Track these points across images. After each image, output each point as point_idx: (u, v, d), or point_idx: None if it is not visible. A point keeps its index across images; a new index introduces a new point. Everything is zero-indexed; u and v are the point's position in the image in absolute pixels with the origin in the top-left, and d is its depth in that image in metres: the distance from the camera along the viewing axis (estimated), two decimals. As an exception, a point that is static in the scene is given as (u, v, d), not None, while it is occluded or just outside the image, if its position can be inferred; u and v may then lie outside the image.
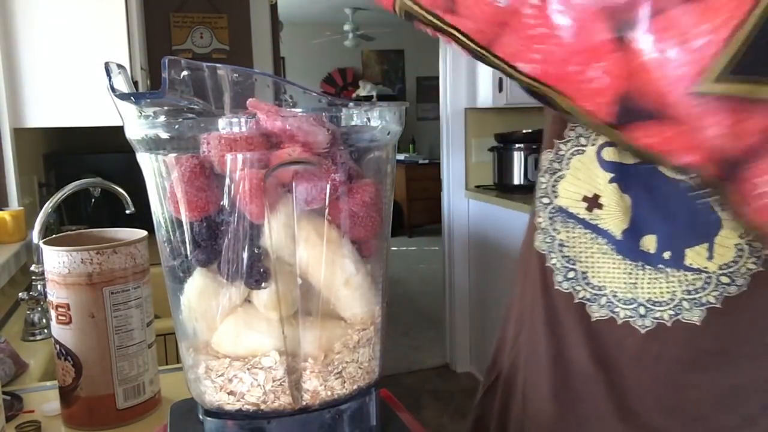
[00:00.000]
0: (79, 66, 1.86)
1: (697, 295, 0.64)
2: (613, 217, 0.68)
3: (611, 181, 0.68)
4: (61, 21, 1.87)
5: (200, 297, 0.49)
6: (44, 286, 0.89)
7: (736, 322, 0.64)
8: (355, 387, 0.51)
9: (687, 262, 0.64)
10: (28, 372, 1.10)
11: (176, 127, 0.47)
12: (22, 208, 1.79)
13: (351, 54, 7.38)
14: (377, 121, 0.50)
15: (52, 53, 1.86)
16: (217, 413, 0.50)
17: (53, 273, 0.78)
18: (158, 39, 3.11)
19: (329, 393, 0.50)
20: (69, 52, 1.87)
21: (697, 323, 0.64)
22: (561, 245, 0.72)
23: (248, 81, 0.47)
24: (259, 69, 2.92)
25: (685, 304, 0.65)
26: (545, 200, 0.74)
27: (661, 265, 0.66)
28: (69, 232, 0.87)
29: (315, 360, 0.49)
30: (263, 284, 0.48)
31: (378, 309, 0.53)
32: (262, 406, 0.49)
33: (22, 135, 1.93)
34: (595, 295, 0.70)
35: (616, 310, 0.69)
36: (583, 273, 0.71)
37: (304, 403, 0.49)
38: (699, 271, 0.64)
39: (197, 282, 0.49)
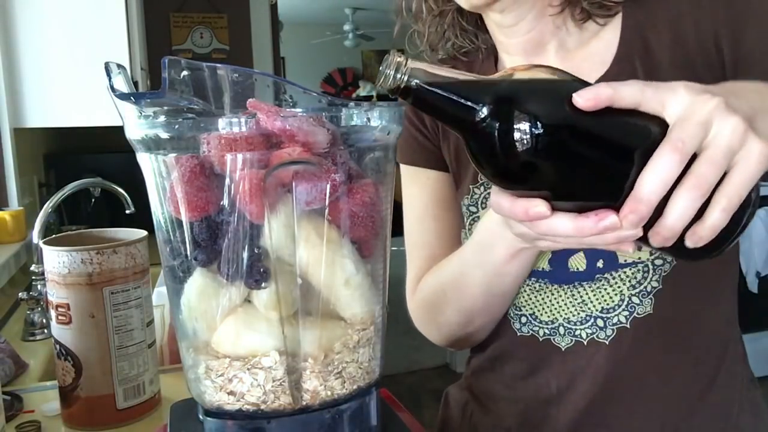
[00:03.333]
0: (79, 66, 1.86)
1: (641, 286, 0.68)
2: None
3: None
4: (61, 21, 1.87)
5: (200, 297, 0.50)
6: (44, 286, 0.89)
7: (678, 295, 0.69)
8: (355, 387, 0.51)
9: (621, 260, 0.68)
10: (28, 372, 1.10)
11: (176, 127, 0.47)
12: (22, 208, 1.79)
13: (351, 54, 7.38)
14: (377, 121, 0.50)
15: (52, 53, 1.86)
16: (217, 413, 0.50)
17: (53, 273, 0.78)
18: (158, 39, 3.11)
19: (329, 393, 0.50)
20: (69, 52, 1.87)
21: (650, 311, 0.69)
22: None
23: (248, 81, 0.47)
24: (259, 69, 2.92)
25: (634, 299, 0.69)
26: None
27: (598, 275, 0.69)
28: (69, 232, 0.87)
29: (315, 360, 0.49)
30: (263, 284, 0.48)
31: (378, 309, 0.53)
32: (262, 406, 0.49)
33: (22, 135, 1.93)
34: (553, 329, 0.73)
35: (578, 332, 0.72)
36: (534, 315, 0.74)
37: (304, 403, 0.49)
38: (635, 263, 0.67)
39: (197, 282, 0.49)
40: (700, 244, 0.44)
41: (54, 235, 0.84)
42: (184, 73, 0.44)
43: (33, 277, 1.30)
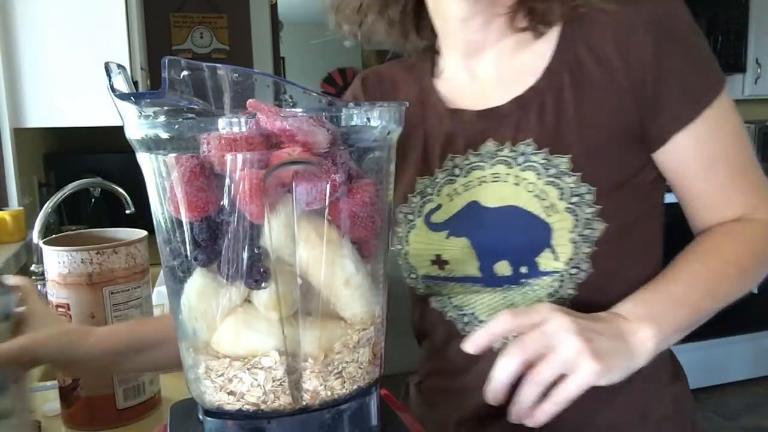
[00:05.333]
0: (79, 66, 1.86)
1: (558, 294, 0.71)
2: (463, 262, 0.75)
3: (447, 237, 0.75)
4: (61, 21, 1.87)
5: (200, 297, 0.50)
6: (44, 286, 0.89)
7: (594, 299, 0.70)
8: (355, 387, 0.51)
9: (541, 269, 0.71)
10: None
11: (176, 127, 0.47)
12: (22, 208, 1.79)
13: (351, 54, 7.38)
14: (377, 121, 0.50)
15: (52, 53, 1.86)
16: (217, 413, 0.50)
17: (53, 273, 0.78)
18: (158, 39, 3.11)
19: (329, 393, 0.50)
20: (69, 52, 1.87)
21: None
22: (450, 298, 0.78)
23: (248, 81, 0.47)
24: (259, 69, 2.92)
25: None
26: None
27: (523, 280, 0.72)
28: (69, 232, 0.87)
29: (315, 360, 0.49)
30: (263, 284, 0.48)
31: (378, 309, 0.53)
32: (262, 406, 0.49)
33: (22, 135, 1.93)
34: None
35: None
36: (474, 315, 0.76)
37: (304, 403, 0.49)
38: (552, 272, 0.71)
39: (197, 282, 0.49)
40: (536, 425, 0.60)
41: (54, 235, 0.84)
42: (184, 73, 0.44)
43: (33, 277, 1.31)
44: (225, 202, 0.47)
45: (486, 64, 0.77)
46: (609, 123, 0.70)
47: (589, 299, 0.71)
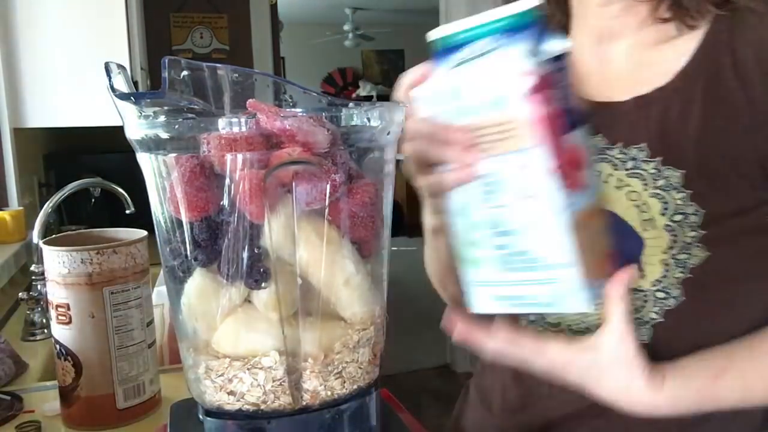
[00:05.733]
0: (79, 66, 1.86)
1: (639, 314, 0.65)
2: None
3: None
4: (61, 21, 1.87)
5: (200, 297, 0.50)
6: (44, 286, 0.89)
7: (681, 331, 0.64)
8: (355, 387, 0.51)
9: None
10: (28, 372, 1.10)
11: (176, 127, 0.47)
12: (22, 208, 1.79)
13: (351, 54, 7.38)
14: (377, 121, 0.50)
15: (52, 53, 1.86)
16: (217, 413, 0.50)
17: (53, 273, 0.78)
18: (158, 39, 3.11)
19: (329, 393, 0.50)
20: (69, 52, 1.87)
21: (647, 341, 0.65)
22: None
23: (248, 81, 0.47)
24: (259, 69, 2.92)
25: None
26: None
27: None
28: (69, 232, 0.87)
29: (315, 360, 0.49)
30: (263, 284, 0.48)
31: (378, 309, 0.53)
32: (262, 406, 0.49)
33: (22, 135, 1.93)
34: (555, 333, 0.71)
35: None
36: (541, 313, 0.72)
37: (304, 403, 0.49)
38: (636, 290, 0.65)
39: (197, 282, 0.50)
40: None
41: (54, 235, 0.84)
42: (184, 73, 0.44)
43: (33, 277, 1.30)
44: (225, 202, 0.47)
45: (617, 54, 0.70)
46: (738, 143, 0.62)
47: (676, 328, 0.64)
